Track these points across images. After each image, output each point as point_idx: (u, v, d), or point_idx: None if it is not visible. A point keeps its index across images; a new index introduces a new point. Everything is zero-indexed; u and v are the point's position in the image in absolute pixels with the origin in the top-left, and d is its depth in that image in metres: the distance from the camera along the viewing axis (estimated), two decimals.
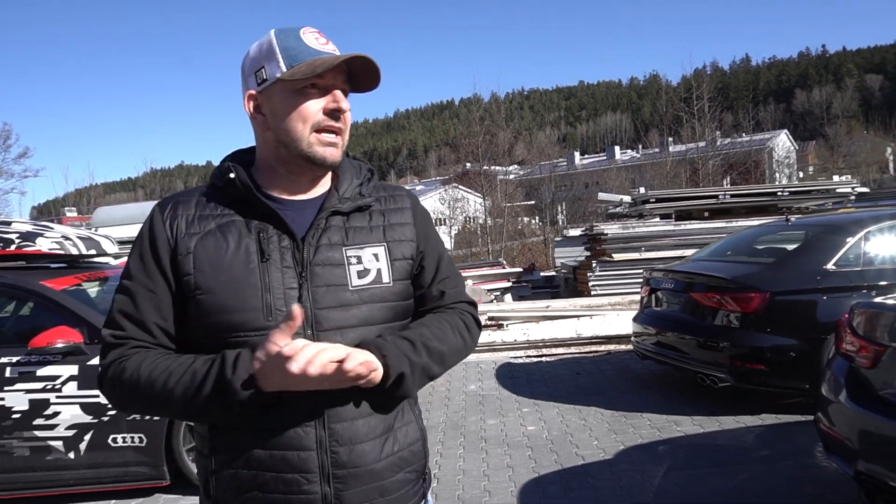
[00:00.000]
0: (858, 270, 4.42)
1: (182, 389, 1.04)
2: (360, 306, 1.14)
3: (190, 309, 1.11)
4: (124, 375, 1.08)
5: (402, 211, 1.25)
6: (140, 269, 1.13)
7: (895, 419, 2.41)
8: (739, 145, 27.37)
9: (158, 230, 1.14)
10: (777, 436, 4.08)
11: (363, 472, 1.12)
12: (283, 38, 1.13)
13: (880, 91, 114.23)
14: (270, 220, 1.14)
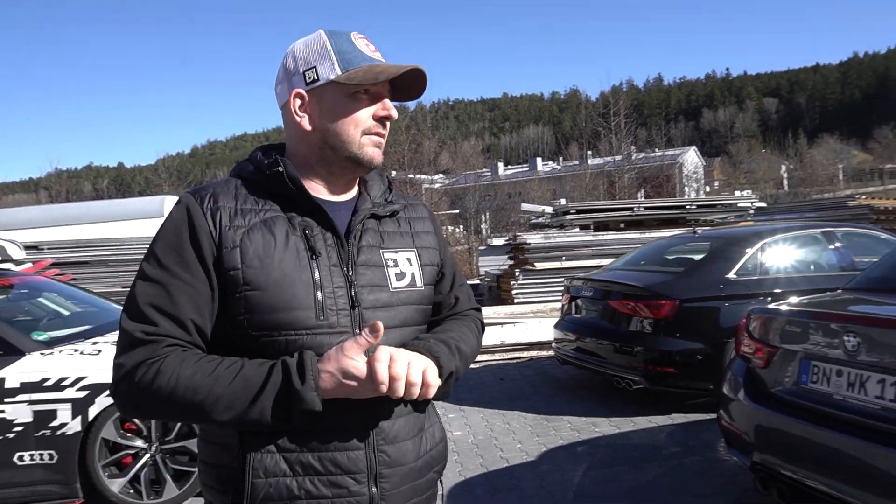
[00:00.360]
0: (756, 279, 4.81)
1: (232, 397, 0.99)
2: (398, 308, 1.15)
3: (233, 306, 1.05)
4: (159, 379, 0.99)
5: (423, 220, 1.29)
6: (176, 260, 1.05)
7: (785, 414, 2.66)
8: (652, 160, 28.88)
9: (199, 220, 1.06)
10: (685, 433, 4.37)
11: (406, 471, 1.13)
12: (336, 40, 1.12)
13: (776, 113, 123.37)
14: (314, 217, 1.12)
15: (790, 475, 2.61)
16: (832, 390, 2.49)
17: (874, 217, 9.53)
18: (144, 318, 1.03)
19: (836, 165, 56.79)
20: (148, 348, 1.02)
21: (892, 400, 2.26)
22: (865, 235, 5.44)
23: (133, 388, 1.01)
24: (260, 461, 1.04)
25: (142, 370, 1.00)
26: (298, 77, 1.13)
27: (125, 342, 1.04)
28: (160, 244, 1.08)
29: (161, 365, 1.00)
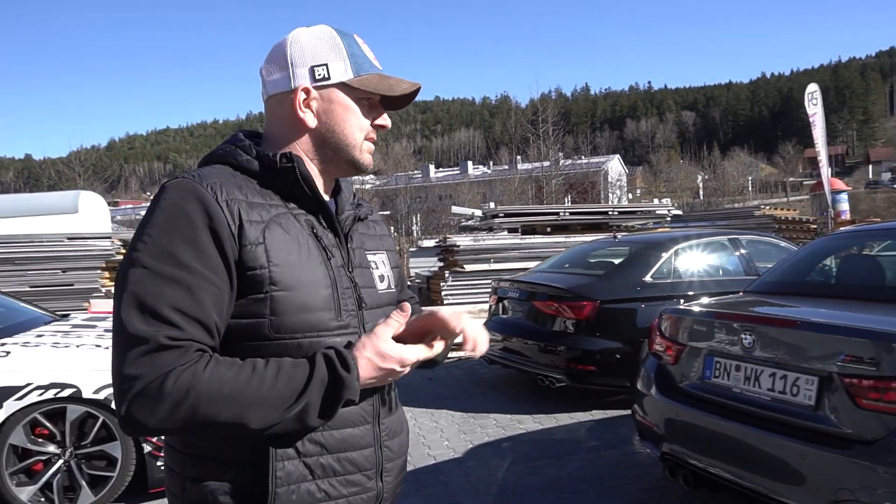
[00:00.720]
0: (670, 282, 5.12)
1: (279, 397, 0.93)
2: (383, 308, 1.16)
3: (254, 307, 0.98)
4: (197, 387, 0.90)
5: (381, 223, 1.30)
6: (195, 255, 0.94)
7: (691, 406, 2.87)
8: (579, 167, 29.85)
9: (215, 211, 0.96)
10: (604, 428, 4.60)
11: (401, 463, 1.18)
12: (347, 41, 1.10)
13: (693, 126, 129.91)
14: (317, 215, 1.10)
15: (695, 463, 2.83)
16: (731, 384, 2.72)
17: (776, 226, 10.28)
18: (166, 322, 0.91)
19: (745, 177, 60.45)
20: (175, 354, 0.91)
21: (781, 391, 2.50)
22: (767, 243, 5.89)
23: (161, 401, 0.89)
24: (283, 469, 1.00)
25: (171, 380, 0.89)
26: (304, 71, 1.07)
27: (142, 349, 0.90)
28: (166, 235, 0.95)
29: (195, 372, 0.91)
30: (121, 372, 0.91)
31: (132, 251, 0.96)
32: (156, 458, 3.40)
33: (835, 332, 2.39)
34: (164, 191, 1.00)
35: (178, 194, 0.98)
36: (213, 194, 0.98)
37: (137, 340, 0.90)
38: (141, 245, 0.95)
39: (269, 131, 1.13)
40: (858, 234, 3.86)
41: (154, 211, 0.97)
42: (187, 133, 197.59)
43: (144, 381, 0.89)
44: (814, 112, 12.72)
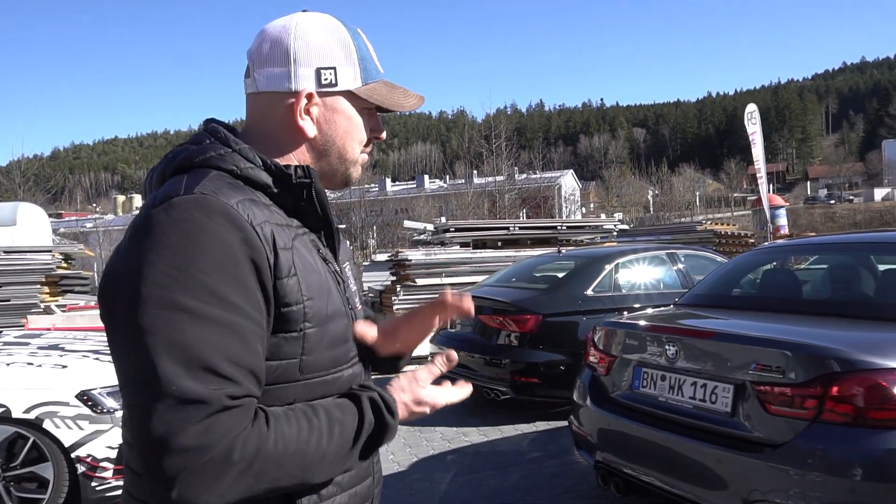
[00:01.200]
0: (610, 295, 5.30)
1: (337, 449, 0.86)
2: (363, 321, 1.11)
3: (285, 346, 0.86)
4: (265, 450, 0.78)
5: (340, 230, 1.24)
6: (239, 291, 0.79)
7: (621, 416, 2.99)
8: (533, 181, 30.36)
9: (253, 239, 0.82)
10: (547, 439, 4.70)
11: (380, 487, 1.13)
12: (357, 41, 0.98)
13: (644, 142, 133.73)
14: (319, 232, 0.99)
15: (625, 471, 2.94)
16: (658, 393, 2.85)
17: (717, 241, 10.70)
18: (224, 377, 0.76)
19: (692, 193, 62.49)
20: (238, 416, 0.76)
21: (701, 399, 2.64)
22: (703, 257, 6.15)
23: (226, 471, 0.74)
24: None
25: (238, 446, 0.75)
26: (309, 72, 0.94)
27: (201, 414, 0.74)
28: (204, 269, 0.77)
29: (259, 432, 0.78)
30: (173, 443, 0.72)
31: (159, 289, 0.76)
32: (90, 479, 3.33)
33: (746, 343, 2.55)
34: (179, 210, 0.80)
35: (205, 216, 0.79)
36: (248, 217, 0.82)
37: (192, 403, 0.73)
38: (166, 280, 0.76)
39: (256, 132, 0.97)
40: (780, 249, 4.09)
41: (175, 235, 0.78)
42: (136, 143, 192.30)
43: (211, 453, 0.73)
44: (753, 131, 13.31)
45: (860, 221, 51.33)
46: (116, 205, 79.46)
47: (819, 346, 2.34)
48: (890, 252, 3.54)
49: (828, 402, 2.22)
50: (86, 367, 3.57)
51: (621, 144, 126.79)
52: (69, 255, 10.72)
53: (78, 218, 51.26)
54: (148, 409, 0.74)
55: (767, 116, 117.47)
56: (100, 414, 3.39)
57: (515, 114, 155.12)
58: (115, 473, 3.38)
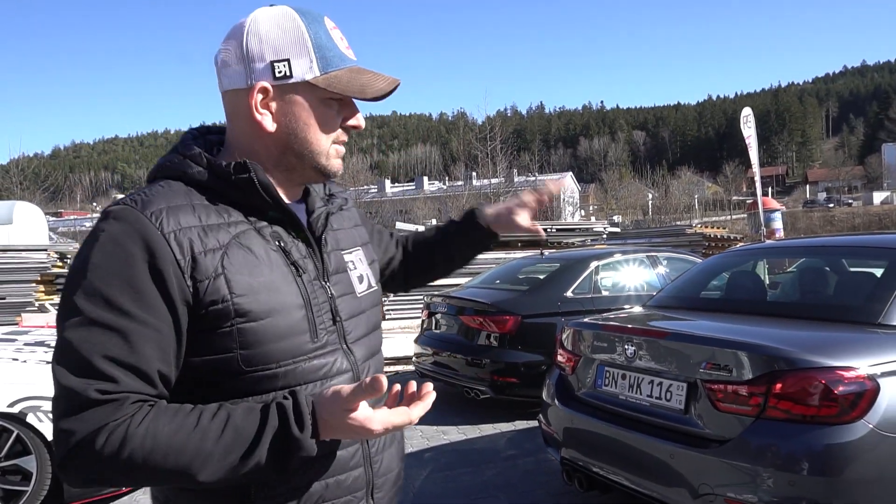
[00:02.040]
0: (589, 297, 5.39)
1: (224, 452, 0.85)
2: (367, 313, 1.10)
3: (220, 342, 0.90)
4: (131, 444, 0.82)
5: (353, 211, 1.21)
6: (132, 297, 0.85)
7: (585, 413, 3.09)
8: (533, 183, 30.48)
9: (159, 246, 0.87)
10: (523, 438, 4.80)
11: (393, 478, 1.12)
12: (314, 29, 0.96)
13: (643, 146, 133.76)
14: (284, 225, 1.00)
15: (588, 467, 3.04)
16: (618, 391, 2.95)
17: (706, 244, 10.80)
18: (98, 374, 0.83)
19: (691, 196, 62.62)
20: (108, 409, 0.83)
21: (657, 397, 2.74)
22: (683, 260, 6.24)
23: (94, 458, 0.83)
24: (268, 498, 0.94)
25: (103, 436, 0.82)
26: (264, 66, 0.95)
27: (73, 404, 0.83)
28: (102, 276, 0.85)
29: (129, 428, 0.83)
30: (56, 425, 0.84)
31: (67, 290, 0.87)
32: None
33: (698, 342, 2.65)
34: (104, 220, 0.89)
35: (118, 227, 0.87)
36: (159, 226, 0.88)
37: (69, 394, 0.83)
38: (75, 286, 0.86)
39: (229, 130, 1.02)
40: (747, 252, 4.19)
41: (92, 245, 0.87)
42: (137, 143, 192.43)
43: (76, 438, 0.82)
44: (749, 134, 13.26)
45: (858, 225, 51.41)
46: None
47: (764, 346, 2.43)
48: (856, 255, 3.64)
49: (771, 399, 2.32)
50: None
51: (621, 147, 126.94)
52: (64, 253, 10.82)
53: (77, 216, 51.33)
54: (53, 396, 0.87)
55: (767, 120, 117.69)
56: None
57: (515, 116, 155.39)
58: None
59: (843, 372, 2.25)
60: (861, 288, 3.05)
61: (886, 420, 2.21)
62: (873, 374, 2.26)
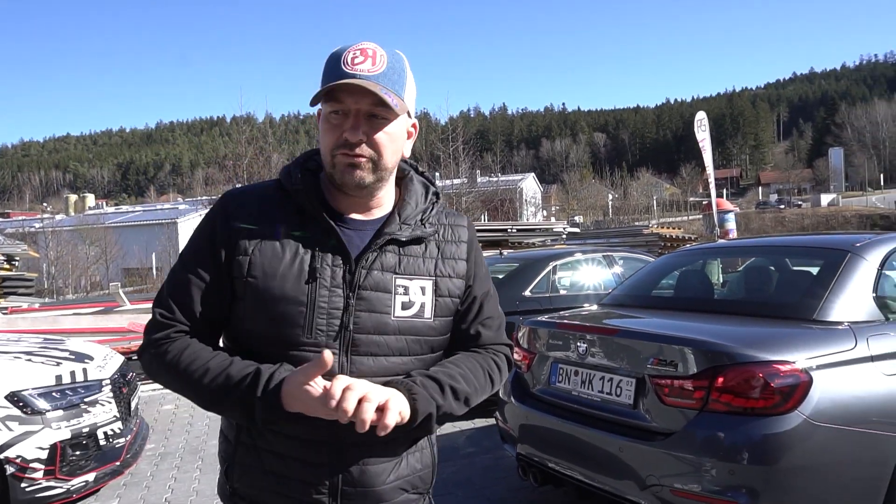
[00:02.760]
0: (547, 296, 5.49)
1: (213, 388, 1.08)
2: (397, 336, 1.14)
3: (239, 310, 1.13)
4: (166, 357, 1.12)
5: (458, 244, 1.23)
6: (194, 258, 1.15)
7: (539, 410, 3.16)
8: (496, 184, 30.63)
9: (220, 224, 1.14)
10: (482, 435, 4.86)
11: (370, 493, 1.14)
12: (330, 59, 1.13)
13: (604, 147, 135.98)
14: (329, 236, 1.13)
15: (542, 462, 3.11)
16: (571, 387, 3.02)
17: (662, 244, 11.08)
18: (164, 304, 1.15)
19: (650, 196, 63.95)
20: (163, 331, 1.14)
21: (608, 393, 2.82)
22: (638, 260, 6.40)
23: (147, 360, 1.15)
24: (244, 452, 1.15)
25: (154, 347, 1.13)
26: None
27: (150, 321, 1.17)
28: (191, 239, 1.18)
29: (169, 345, 1.12)
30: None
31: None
32: (19, 480, 3.33)
33: (645, 339, 2.75)
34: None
35: (214, 204, 1.19)
36: (226, 207, 1.16)
37: (151, 314, 1.17)
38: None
39: None
40: (696, 252, 4.34)
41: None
42: (90, 141, 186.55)
43: (145, 342, 1.16)
44: (702, 138, 13.64)
45: (808, 225, 53.35)
46: (68, 204, 76.93)
47: (707, 342, 2.54)
48: (796, 255, 3.80)
49: (713, 392, 2.42)
50: (16, 369, 3.57)
51: (582, 149, 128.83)
52: (12, 255, 10.45)
53: (26, 217, 49.49)
54: None
55: (723, 123, 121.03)
56: (30, 415, 3.39)
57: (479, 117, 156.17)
58: (45, 474, 3.38)
59: (779, 366, 2.36)
60: (799, 286, 3.20)
61: (818, 411, 2.33)
62: (807, 367, 2.38)
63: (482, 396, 1.22)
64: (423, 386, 1.09)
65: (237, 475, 1.17)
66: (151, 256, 33.64)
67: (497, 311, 1.31)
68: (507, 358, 1.31)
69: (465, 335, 1.25)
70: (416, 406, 1.06)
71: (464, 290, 1.22)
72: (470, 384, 1.17)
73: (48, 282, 28.53)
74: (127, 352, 6.54)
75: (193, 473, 4.26)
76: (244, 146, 24.43)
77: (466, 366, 1.19)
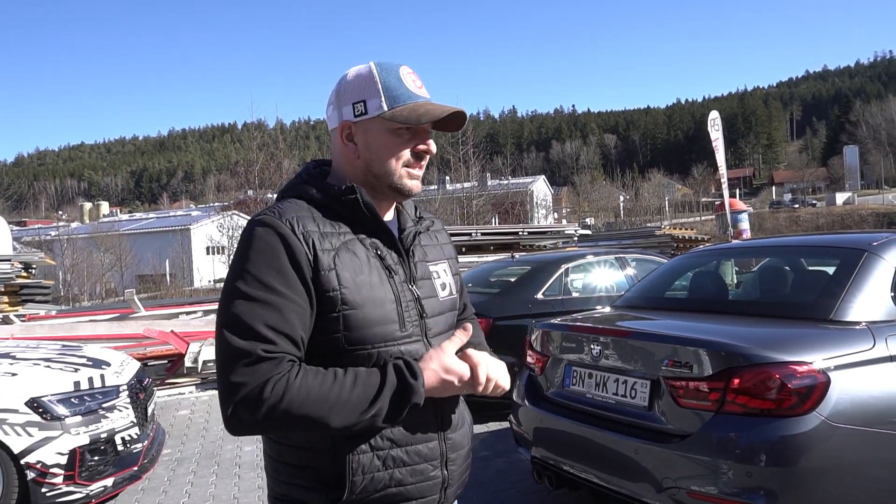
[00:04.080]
0: (560, 299, 5.48)
1: (356, 401, 1.09)
2: (445, 315, 1.31)
3: (330, 323, 1.15)
4: (290, 391, 1.06)
5: (442, 232, 1.43)
6: (281, 281, 1.11)
7: (553, 413, 3.15)
8: (506, 187, 30.63)
9: (295, 243, 1.13)
10: (496, 438, 4.85)
11: (464, 453, 1.33)
12: (384, 75, 1.21)
13: (615, 149, 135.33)
14: (380, 238, 1.23)
15: (557, 465, 3.10)
16: (585, 390, 3.02)
17: (675, 245, 11.01)
18: (262, 338, 1.08)
19: (662, 197, 63.61)
20: (271, 365, 1.07)
21: (622, 395, 2.81)
22: (651, 261, 6.36)
23: (261, 404, 1.06)
24: (358, 461, 1.16)
25: (269, 386, 1.06)
26: (348, 108, 1.22)
27: (245, 362, 1.07)
28: (257, 265, 1.12)
29: (289, 380, 1.07)
30: (227, 381, 1.07)
31: (231, 282, 1.13)
32: (39, 485, 3.37)
33: (660, 341, 2.73)
34: (253, 226, 1.16)
35: (264, 230, 1.14)
36: (292, 228, 1.14)
37: (240, 353, 1.07)
38: (237, 274, 1.13)
39: (333, 160, 1.30)
40: (709, 253, 4.31)
41: (248, 243, 1.14)
42: (104, 149, 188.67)
43: (248, 388, 1.06)
44: (716, 137, 13.30)
45: (822, 225, 52.82)
46: (83, 212, 77.82)
47: (722, 343, 2.52)
48: (811, 255, 3.77)
49: (729, 394, 2.40)
50: (36, 375, 3.62)
51: (593, 150, 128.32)
52: (29, 263, 10.58)
53: (43, 226, 50.10)
54: (219, 363, 1.11)
55: (734, 123, 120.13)
56: (49, 421, 3.44)
57: (488, 119, 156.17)
58: (65, 479, 3.42)
59: (796, 367, 2.34)
60: (815, 286, 3.17)
61: (837, 412, 2.31)
62: (825, 367, 2.36)
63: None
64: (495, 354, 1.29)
65: (357, 488, 1.16)
66: (165, 263, 33.93)
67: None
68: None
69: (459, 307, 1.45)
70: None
71: (457, 268, 1.43)
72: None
73: (64, 289, 28.86)
74: (142, 358, 6.60)
75: (210, 479, 4.29)
76: (255, 152, 24.61)
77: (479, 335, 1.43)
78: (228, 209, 29.55)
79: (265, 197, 25.79)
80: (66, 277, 29.47)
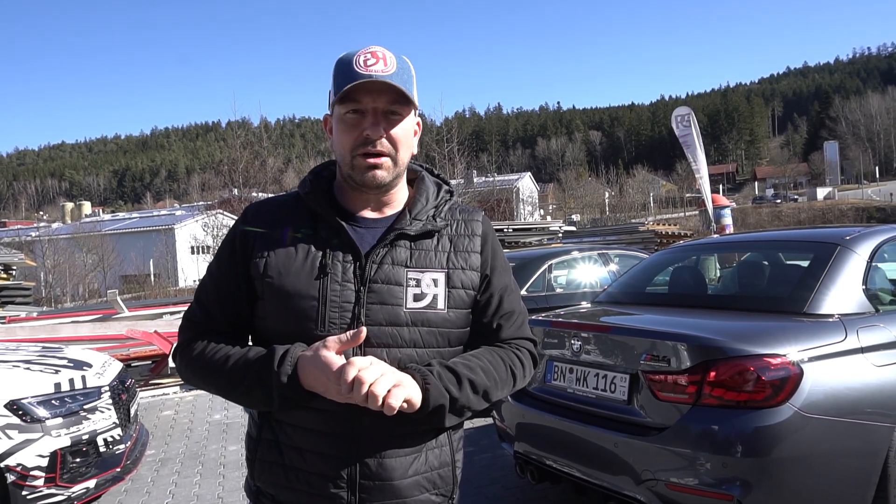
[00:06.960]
0: (544, 295, 5.52)
1: (233, 374, 1.15)
2: (410, 328, 1.15)
3: (259, 309, 1.21)
4: (192, 354, 1.21)
5: (472, 238, 1.25)
6: (217, 264, 1.27)
7: (535, 408, 3.18)
8: (492, 184, 30.63)
9: (238, 231, 1.24)
10: (481, 435, 4.88)
11: (387, 487, 1.14)
12: (340, 63, 1.18)
13: (600, 145, 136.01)
14: (339, 234, 1.19)
15: (539, 459, 3.13)
16: (566, 385, 3.05)
17: (658, 241, 11.11)
18: (191, 307, 1.28)
19: (646, 194, 64.04)
20: (192, 330, 1.26)
21: (602, 389, 2.85)
22: (633, 257, 6.43)
23: (180, 359, 1.25)
24: (266, 448, 1.19)
25: (184, 346, 1.25)
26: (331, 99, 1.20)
27: (182, 323, 1.30)
28: (219, 247, 1.30)
29: (194, 343, 1.22)
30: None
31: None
32: (20, 488, 3.35)
33: (638, 335, 2.77)
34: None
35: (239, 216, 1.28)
36: (246, 215, 1.26)
37: (184, 315, 1.30)
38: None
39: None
40: (689, 248, 4.37)
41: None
42: (85, 148, 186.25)
43: (177, 343, 1.28)
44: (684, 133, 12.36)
45: (804, 219, 53.45)
46: (65, 212, 76.80)
47: (698, 337, 2.56)
48: (787, 249, 3.83)
49: (705, 387, 2.45)
50: (15, 377, 3.58)
51: (578, 147, 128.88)
52: (9, 265, 10.45)
53: (23, 226, 49.38)
54: None
55: (717, 119, 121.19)
56: (30, 423, 3.40)
57: (474, 117, 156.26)
58: (46, 482, 3.39)
59: (770, 359, 2.39)
60: (790, 280, 3.23)
61: (809, 403, 2.36)
62: (798, 360, 2.41)
63: (504, 391, 1.22)
64: (439, 377, 1.10)
65: (258, 472, 1.21)
66: (149, 263, 33.59)
67: (519, 305, 1.31)
68: (530, 353, 1.30)
69: (487, 329, 1.25)
70: (427, 396, 1.08)
71: (479, 282, 1.23)
72: (490, 377, 1.17)
73: (46, 290, 28.47)
74: (126, 359, 6.55)
75: (194, 479, 4.28)
76: (240, 151, 24.44)
77: (487, 359, 1.19)
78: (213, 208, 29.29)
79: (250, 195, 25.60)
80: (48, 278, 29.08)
